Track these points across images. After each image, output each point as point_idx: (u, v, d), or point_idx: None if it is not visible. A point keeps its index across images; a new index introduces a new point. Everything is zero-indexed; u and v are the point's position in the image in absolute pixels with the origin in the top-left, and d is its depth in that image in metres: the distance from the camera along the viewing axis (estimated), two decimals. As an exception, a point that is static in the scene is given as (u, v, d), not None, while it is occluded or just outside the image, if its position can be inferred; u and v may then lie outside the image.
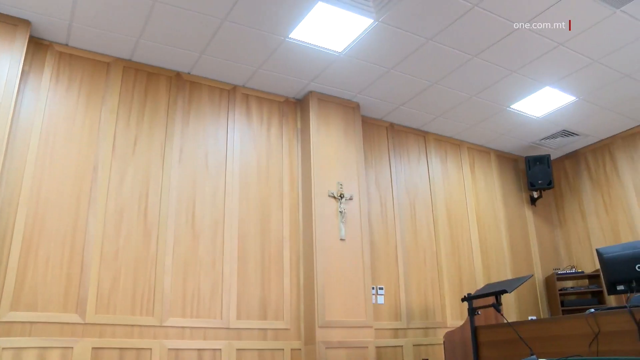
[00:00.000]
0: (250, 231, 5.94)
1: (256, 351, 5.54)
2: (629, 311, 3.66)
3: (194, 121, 6.01)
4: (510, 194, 8.63)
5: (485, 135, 8.18)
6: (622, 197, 8.15)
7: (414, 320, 6.74)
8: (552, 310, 8.17)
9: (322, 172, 6.29)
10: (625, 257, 3.97)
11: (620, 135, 8.32)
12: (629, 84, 6.79)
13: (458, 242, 7.58)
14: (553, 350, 4.08)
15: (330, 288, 5.88)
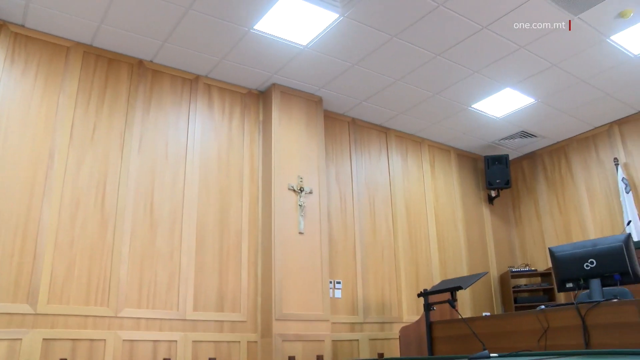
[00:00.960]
0: (209, 223, 5.89)
1: (212, 343, 5.51)
2: (576, 307, 3.77)
3: (155, 110, 5.92)
4: (468, 192, 8.77)
5: (446, 134, 8.28)
6: (575, 198, 8.37)
7: (371, 315, 6.80)
8: (505, 307, 8.34)
9: (282, 165, 6.27)
10: (575, 256, 4.08)
11: (575, 138, 8.53)
12: (585, 89, 6.97)
13: (416, 238, 7.67)
14: (505, 345, 4.17)
15: (288, 281, 5.88)
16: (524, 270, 8.43)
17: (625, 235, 3.97)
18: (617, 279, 3.85)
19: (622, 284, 3.93)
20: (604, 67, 6.49)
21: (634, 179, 7.70)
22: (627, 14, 5.51)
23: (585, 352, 3.42)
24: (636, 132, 7.82)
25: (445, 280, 5.73)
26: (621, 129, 7.99)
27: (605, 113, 7.78)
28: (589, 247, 4.05)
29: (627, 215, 7.34)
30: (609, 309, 3.63)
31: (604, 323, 3.63)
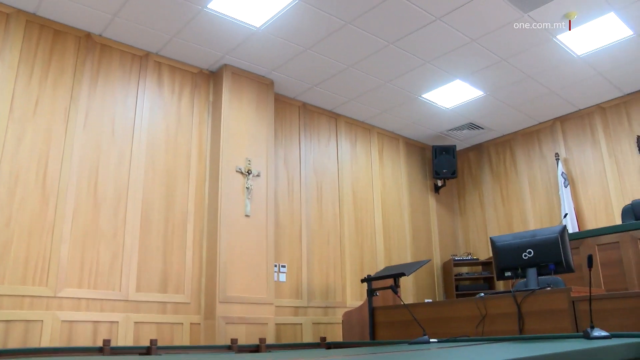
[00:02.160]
0: (155, 203, 5.79)
1: (155, 324, 5.45)
2: (513, 295, 3.90)
3: (102, 86, 5.75)
4: (415, 180, 8.90)
5: (396, 122, 8.37)
6: (518, 190, 8.62)
7: (315, 299, 6.85)
8: (447, 294, 8.54)
9: (231, 147, 6.22)
10: (514, 245, 4.21)
11: (520, 132, 8.76)
12: (532, 85, 7.16)
13: (362, 225, 7.75)
14: (445, 331, 4.27)
15: (232, 264, 5.86)
16: (466, 258, 8.64)
17: (561, 227, 4.11)
18: (551, 268, 4.00)
19: (556, 273, 4.08)
20: (550, 65, 6.68)
21: (572, 174, 7.98)
22: (572, 16, 5.69)
23: (519, 338, 3.55)
24: (576, 129, 8.10)
25: (388, 267, 5.83)
26: (563, 126, 8.26)
27: (549, 109, 8.02)
28: (528, 238, 4.18)
29: (565, 208, 7.62)
30: (542, 297, 3.77)
31: (538, 310, 3.77)
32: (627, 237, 5.33)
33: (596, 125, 7.89)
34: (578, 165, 7.99)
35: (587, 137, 7.97)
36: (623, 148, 7.57)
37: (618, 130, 7.67)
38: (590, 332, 2.90)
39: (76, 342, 4.90)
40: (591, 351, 2.22)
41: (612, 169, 7.61)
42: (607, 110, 7.82)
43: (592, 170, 7.83)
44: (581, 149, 8.01)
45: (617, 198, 7.45)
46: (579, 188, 7.89)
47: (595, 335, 2.86)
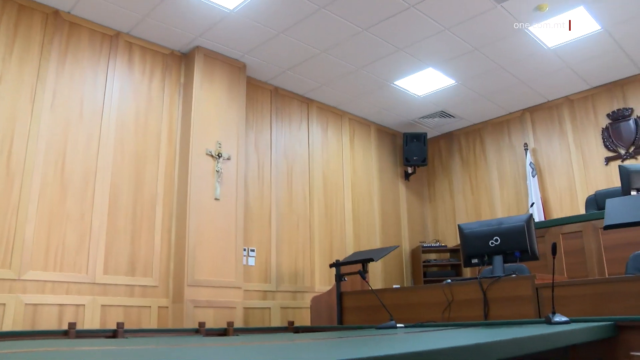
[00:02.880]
0: (123, 185, 5.71)
1: (122, 308, 5.39)
2: (479, 282, 3.96)
3: (71, 65, 5.62)
4: (386, 167, 8.94)
5: (368, 108, 8.38)
6: (487, 179, 8.73)
7: (283, 284, 6.86)
8: (415, 280, 8.64)
9: (201, 130, 6.16)
10: (481, 233, 4.26)
11: (491, 122, 8.86)
12: (503, 75, 7.23)
13: (331, 210, 7.77)
14: (411, 317, 4.32)
15: (201, 247, 5.83)
16: (435, 245, 8.74)
17: (528, 216, 4.18)
18: (517, 256, 4.06)
19: (521, 261, 4.15)
20: (521, 56, 6.75)
21: (540, 164, 8.11)
22: (544, 8, 5.76)
23: (484, 323, 3.61)
24: (545, 120, 8.22)
25: (357, 252, 5.86)
26: (532, 116, 8.37)
27: (519, 100, 8.12)
28: (495, 226, 4.24)
29: (532, 197, 7.75)
30: (507, 284, 3.84)
31: (503, 296, 3.84)
32: (590, 226, 5.45)
33: (564, 117, 8.02)
34: (546, 155, 8.12)
35: (555, 128, 8.10)
36: (589, 140, 7.71)
37: (585, 123, 7.81)
38: (551, 317, 2.97)
39: (41, 326, 4.82)
40: (551, 335, 2.28)
41: (578, 160, 7.76)
42: (575, 102, 7.95)
43: (559, 161, 7.97)
44: (549, 140, 8.14)
45: (581, 188, 7.60)
46: (546, 178, 8.03)
47: (556, 321, 2.93)
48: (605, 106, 7.64)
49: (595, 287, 3.44)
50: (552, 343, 2.31)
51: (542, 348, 2.22)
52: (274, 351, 1.71)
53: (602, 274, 5.22)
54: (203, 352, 1.69)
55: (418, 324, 3.99)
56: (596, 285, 3.47)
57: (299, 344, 2.10)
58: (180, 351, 1.76)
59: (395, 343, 1.94)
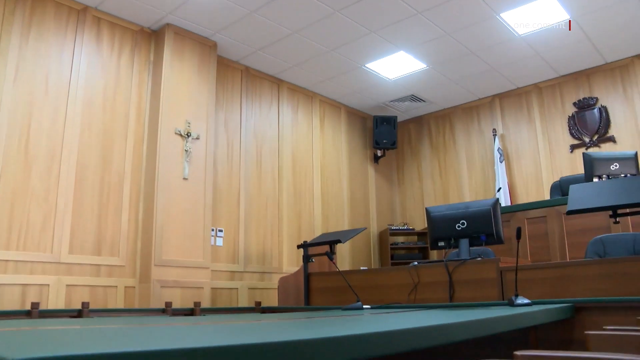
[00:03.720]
0: (90, 163, 5.61)
1: (87, 287, 5.33)
2: (445, 265, 4.01)
3: (35, 39, 5.45)
4: (355, 149, 8.96)
5: (339, 91, 8.37)
6: (455, 163, 8.82)
7: (251, 264, 6.86)
8: (382, 263, 8.71)
9: (170, 109, 6.07)
10: (448, 216, 4.32)
11: (461, 107, 8.93)
12: (474, 61, 7.28)
13: (300, 191, 7.77)
14: (378, 298, 4.37)
15: (169, 227, 5.78)
16: (403, 228, 8.82)
17: (494, 200, 4.24)
18: (483, 239, 4.13)
19: (487, 244, 4.22)
20: (492, 42, 6.80)
21: (508, 150, 8.22)
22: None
23: (449, 305, 3.67)
24: (514, 106, 8.32)
25: (325, 234, 5.89)
26: (501, 103, 8.47)
27: (489, 86, 8.20)
28: (462, 209, 4.30)
29: (499, 182, 7.87)
30: (472, 267, 3.91)
31: (468, 279, 3.90)
32: (554, 212, 5.57)
33: (532, 104, 8.13)
34: (514, 141, 8.23)
35: (524, 115, 8.21)
36: (555, 127, 7.84)
37: (552, 110, 7.93)
38: (514, 299, 3.03)
39: (2, 307, 4.73)
40: (513, 317, 2.32)
41: (545, 147, 7.88)
42: (543, 90, 8.06)
43: (526, 147, 8.09)
44: (517, 126, 8.25)
45: (547, 175, 7.74)
46: (513, 164, 8.15)
47: (518, 303, 2.99)
48: (572, 95, 7.76)
49: (556, 270, 3.52)
50: (514, 324, 2.36)
51: (504, 329, 2.27)
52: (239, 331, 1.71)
53: (564, 258, 5.35)
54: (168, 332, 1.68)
55: (384, 305, 4.04)
56: (557, 269, 3.55)
57: (265, 324, 2.11)
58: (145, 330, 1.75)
59: (361, 324, 1.96)
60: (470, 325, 1.94)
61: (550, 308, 2.74)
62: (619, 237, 4.38)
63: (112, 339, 1.36)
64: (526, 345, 3.01)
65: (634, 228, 4.94)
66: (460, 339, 1.88)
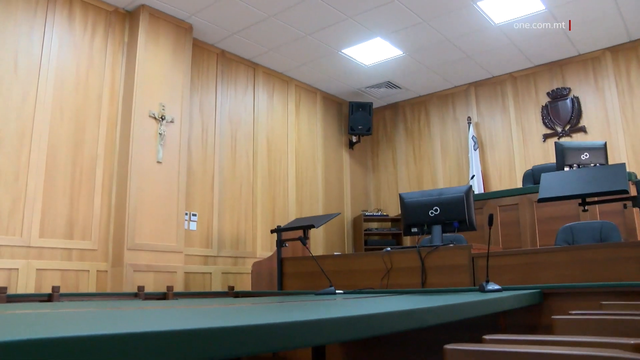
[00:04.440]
0: (62, 145, 5.50)
1: (59, 272, 5.25)
2: (417, 251, 4.05)
3: (3, 16, 5.29)
4: (330, 135, 8.96)
5: (315, 76, 8.34)
6: (430, 150, 8.88)
7: (225, 249, 6.84)
8: (356, 248, 8.76)
9: (145, 91, 5.98)
10: (422, 202, 4.35)
11: (436, 94, 8.97)
12: (450, 48, 7.31)
13: (275, 176, 7.75)
14: (351, 283, 4.39)
15: (142, 210, 5.73)
16: (376, 214, 8.87)
17: (467, 187, 4.29)
18: (455, 226, 4.17)
19: (459, 231, 4.27)
20: (468, 30, 6.83)
21: (482, 138, 8.30)
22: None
23: (420, 291, 3.71)
24: (489, 95, 8.39)
25: (299, 219, 5.89)
26: (477, 91, 8.53)
27: (464, 74, 8.24)
28: (435, 196, 4.33)
29: (472, 170, 7.95)
30: (445, 253, 3.95)
31: (440, 265, 3.94)
32: (526, 200, 5.65)
33: (507, 93, 8.20)
34: (488, 130, 8.31)
35: (498, 103, 8.28)
36: (529, 117, 7.93)
37: (526, 100, 8.01)
38: (485, 285, 3.08)
39: (-31, 289, 4.66)
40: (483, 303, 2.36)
41: (518, 136, 7.98)
42: (518, 79, 8.14)
43: (500, 136, 8.17)
44: (492, 115, 8.33)
45: (520, 163, 7.83)
46: (487, 152, 8.23)
47: (489, 289, 3.04)
48: (546, 85, 7.85)
49: (526, 257, 3.58)
50: (484, 310, 2.40)
51: (474, 314, 2.30)
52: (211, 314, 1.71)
53: (535, 245, 5.44)
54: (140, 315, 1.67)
55: (357, 290, 4.07)
56: (527, 255, 3.61)
57: (237, 308, 2.11)
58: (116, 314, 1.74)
59: (333, 308, 1.97)
60: (440, 311, 1.97)
61: (520, 294, 2.79)
62: (587, 225, 4.47)
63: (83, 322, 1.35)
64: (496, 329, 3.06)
65: (601, 216, 5.04)
66: (431, 323, 1.91)
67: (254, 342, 1.17)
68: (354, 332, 1.48)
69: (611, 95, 7.28)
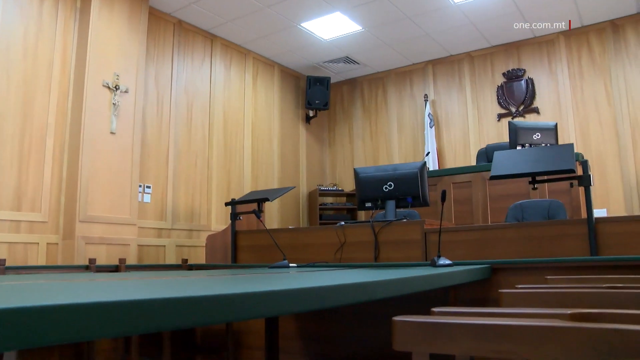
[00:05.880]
0: (9, 114, 5.30)
1: (6, 244, 5.10)
2: (371, 225, 4.10)
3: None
4: (287, 109, 8.92)
5: (273, 49, 8.25)
6: (386, 127, 8.94)
7: (179, 222, 6.78)
8: (311, 223, 8.81)
9: (98, 60, 5.81)
10: (376, 177, 4.39)
11: (394, 71, 9.01)
12: (410, 25, 7.33)
13: (231, 149, 7.68)
14: (304, 257, 4.41)
15: (95, 182, 5.60)
16: (332, 189, 8.92)
17: (421, 163, 4.34)
18: (409, 201, 4.23)
19: (413, 207, 4.33)
20: (428, 9, 6.85)
21: (438, 115, 8.40)
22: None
23: (373, 265, 3.76)
24: (446, 73, 8.48)
25: (253, 192, 5.87)
26: (434, 69, 8.60)
27: (423, 52, 8.29)
28: (390, 171, 4.37)
29: (428, 147, 8.05)
30: (398, 228, 4.00)
31: (393, 240, 4.00)
32: (479, 177, 5.76)
33: (464, 72, 8.30)
34: (444, 108, 8.41)
35: (455, 82, 8.38)
36: (485, 96, 8.06)
37: (482, 79, 8.13)
38: (436, 260, 3.14)
39: None
40: (434, 277, 2.41)
41: (474, 115, 8.10)
42: (475, 59, 8.24)
43: (456, 114, 8.29)
44: (448, 93, 8.42)
45: (475, 142, 7.97)
46: (443, 129, 8.34)
47: (440, 264, 3.10)
48: (502, 65, 7.98)
49: (477, 233, 3.67)
50: (434, 284, 2.45)
51: (424, 288, 2.35)
52: (163, 286, 1.70)
53: (486, 222, 5.57)
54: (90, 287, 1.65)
55: (310, 264, 4.09)
56: (478, 231, 3.69)
57: (190, 280, 2.10)
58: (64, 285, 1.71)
59: (285, 281, 1.99)
60: (391, 284, 2.00)
61: (470, 269, 2.86)
62: (536, 203, 4.60)
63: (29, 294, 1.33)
64: (446, 303, 3.14)
65: (550, 195, 5.19)
66: (382, 296, 1.94)
67: (205, 313, 1.17)
68: (305, 304, 1.50)
69: (563, 78, 7.46)
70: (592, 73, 7.28)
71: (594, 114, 7.19)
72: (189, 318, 1.13)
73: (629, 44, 7.09)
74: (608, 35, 7.23)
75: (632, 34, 7.09)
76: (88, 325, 0.93)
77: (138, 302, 1.03)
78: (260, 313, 1.35)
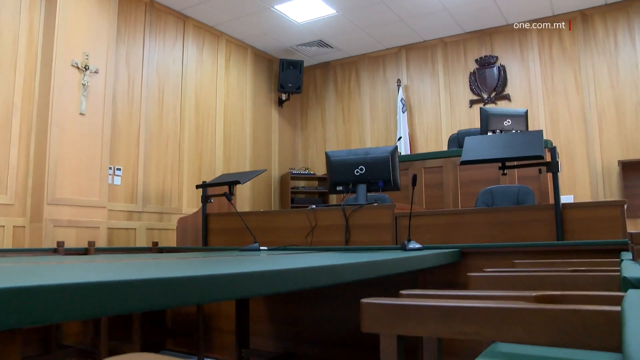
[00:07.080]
0: (-27, 92, 5.18)
1: (-30, 228, 5.01)
2: (342, 209, 4.12)
3: None
4: (260, 92, 8.87)
5: (246, 31, 8.17)
6: (359, 111, 8.96)
7: (150, 204, 6.71)
8: (283, 206, 8.81)
9: (67, 39, 5.68)
10: (348, 161, 4.40)
11: (367, 56, 9.01)
12: (384, 10, 7.32)
13: (202, 132, 7.61)
14: (275, 240, 4.43)
15: (63, 164, 5.50)
16: (304, 173, 8.92)
17: (393, 148, 4.37)
18: (380, 185, 4.26)
19: (384, 191, 4.37)
20: (401, -9, 6.85)
21: (411, 101, 8.44)
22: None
23: (344, 248, 3.79)
24: (419, 59, 8.51)
25: (225, 174, 5.85)
26: (407, 54, 8.62)
27: (396, 37, 8.30)
28: (361, 155, 4.39)
29: (400, 132, 8.09)
30: (369, 212, 4.03)
31: (364, 223, 4.03)
32: (450, 162, 5.82)
33: (437, 58, 8.34)
34: (417, 93, 8.45)
35: (428, 67, 8.41)
36: (457, 82, 8.12)
37: (455, 65, 8.18)
38: (407, 244, 3.18)
39: None
40: (403, 260, 2.44)
41: (446, 100, 8.16)
42: (449, 44, 8.28)
43: (428, 99, 8.33)
44: (421, 79, 8.46)
45: (447, 127, 8.04)
46: (415, 114, 8.39)
47: (410, 247, 3.14)
48: (475, 52, 8.04)
49: (447, 217, 3.72)
50: (404, 267, 2.48)
51: (394, 271, 2.38)
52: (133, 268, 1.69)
53: (457, 207, 5.64)
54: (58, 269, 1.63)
55: (281, 247, 4.11)
56: (448, 216, 3.74)
57: (160, 262, 2.09)
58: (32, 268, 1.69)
59: (255, 263, 1.99)
60: (361, 267, 2.02)
61: (439, 252, 2.90)
62: (505, 188, 4.67)
63: (-6, 273, 1.31)
64: (415, 286, 3.18)
65: (519, 181, 5.27)
66: (351, 279, 1.96)
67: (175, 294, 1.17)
68: (275, 286, 1.51)
69: (534, 66, 7.55)
70: (562, 62, 7.39)
71: (563, 102, 7.30)
72: (159, 299, 1.13)
73: (597, 34, 7.20)
74: (578, 25, 7.33)
75: (600, 25, 7.20)
76: (55, 307, 0.93)
77: (107, 283, 1.03)
78: (230, 295, 1.36)
